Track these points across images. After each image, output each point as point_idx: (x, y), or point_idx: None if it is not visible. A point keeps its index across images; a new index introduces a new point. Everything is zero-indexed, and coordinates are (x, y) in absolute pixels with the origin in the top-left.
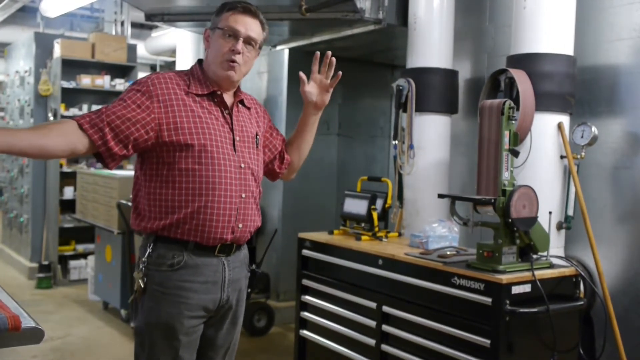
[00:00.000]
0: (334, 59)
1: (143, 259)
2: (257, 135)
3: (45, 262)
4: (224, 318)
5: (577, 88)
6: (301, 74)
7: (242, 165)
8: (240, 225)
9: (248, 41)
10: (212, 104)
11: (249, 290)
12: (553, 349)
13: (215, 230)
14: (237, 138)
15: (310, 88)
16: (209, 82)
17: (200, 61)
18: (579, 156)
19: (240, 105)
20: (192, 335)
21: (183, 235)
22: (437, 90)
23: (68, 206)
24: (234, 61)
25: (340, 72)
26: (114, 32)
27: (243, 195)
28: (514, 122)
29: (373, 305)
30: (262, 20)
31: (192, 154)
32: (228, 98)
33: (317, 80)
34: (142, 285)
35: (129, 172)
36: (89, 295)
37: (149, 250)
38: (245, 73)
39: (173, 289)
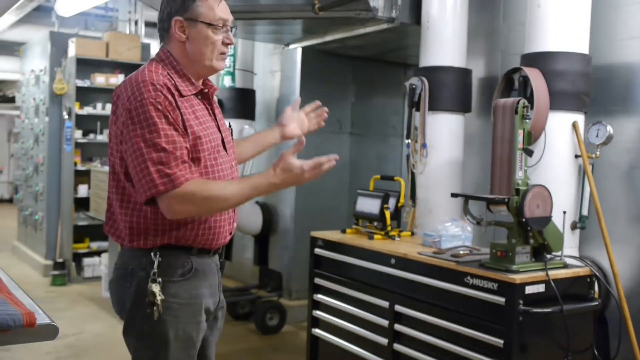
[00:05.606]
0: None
1: (153, 270)
2: (229, 124)
3: (60, 260)
4: (216, 316)
5: (592, 87)
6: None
7: (233, 164)
8: (235, 225)
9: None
10: (199, 102)
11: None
12: (567, 349)
13: (220, 237)
14: (224, 135)
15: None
16: (192, 79)
17: (168, 52)
18: (593, 155)
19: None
20: (201, 340)
21: (187, 243)
22: (451, 89)
23: (82, 204)
24: (226, 52)
25: (325, 114)
26: (127, 31)
27: None
28: (528, 121)
29: (385, 304)
30: None
31: (199, 162)
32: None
33: (302, 118)
34: (162, 297)
35: None
36: (103, 293)
37: (156, 261)
38: None
39: (187, 298)
